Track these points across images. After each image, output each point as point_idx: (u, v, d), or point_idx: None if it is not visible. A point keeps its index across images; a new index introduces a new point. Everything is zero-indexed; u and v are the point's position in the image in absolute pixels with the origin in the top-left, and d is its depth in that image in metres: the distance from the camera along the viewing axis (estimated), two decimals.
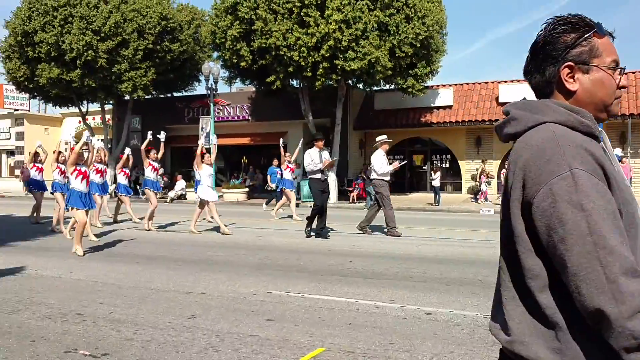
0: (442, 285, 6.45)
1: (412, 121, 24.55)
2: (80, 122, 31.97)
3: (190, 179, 27.06)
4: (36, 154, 14.02)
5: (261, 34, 19.13)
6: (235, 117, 27.03)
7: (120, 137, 27.85)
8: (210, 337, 4.55)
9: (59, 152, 13.25)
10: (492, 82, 24.77)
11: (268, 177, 19.13)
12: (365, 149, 26.33)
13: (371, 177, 11.61)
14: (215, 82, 23.54)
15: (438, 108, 24.61)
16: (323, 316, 5.16)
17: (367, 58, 18.33)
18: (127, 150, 14.55)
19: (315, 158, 10.97)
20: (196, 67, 26.47)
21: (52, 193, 12.90)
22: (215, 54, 22.58)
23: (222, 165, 28.53)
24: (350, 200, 21.35)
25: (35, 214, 13.91)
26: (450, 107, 24.47)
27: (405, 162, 20.23)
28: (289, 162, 15.46)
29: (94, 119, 31.47)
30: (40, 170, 13.95)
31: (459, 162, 24.88)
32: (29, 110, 36.59)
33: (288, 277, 7.02)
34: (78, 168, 9.08)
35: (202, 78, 25.48)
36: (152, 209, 12.48)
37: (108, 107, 29.15)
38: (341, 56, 18.60)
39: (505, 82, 24.36)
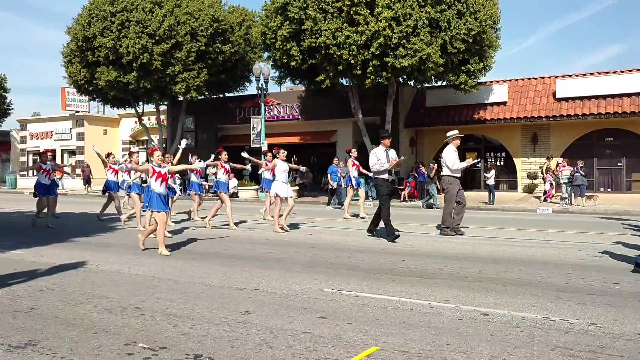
0: (498, 286, 6.28)
1: (465, 118, 24.09)
2: (136, 122, 33.03)
3: (241, 177, 27.47)
4: (108, 155, 14.10)
5: (311, 34, 19.19)
6: (286, 117, 27.25)
7: (174, 136, 28.55)
8: (264, 333, 4.57)
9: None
10: (549, 77, 24.04)
11: (329, 175, 18.80)
12: (416, 147, 26.04)
13: (442, 174, 11.06)
14: (266, 82, 23.82)
15: (492, 104, 24.07)
16: (376, 315, 5.11)
17: (417, 55, 18.09)
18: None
19: (382, 157, 10.26)
20: (247, 67, 26.85)
21: (128, 194, 13.15)
22: (266, 54, 22.83)
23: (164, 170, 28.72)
24: (402, 199, 21.15)
25: (120, 214, 13.85)
26: (504, 103, 23.90)
27: (479, 160, 19.73)
28: (354, 158, 14.92)
29: (149, 119, 32.44)
30: (116, 172, 14.13)
31: (514, 159, 24.24)
32: (88, 112, 38.10)
33: (340, 275, 7.00)
34: (157, 171, 9.09)
35: (252, 78, 25.85)
36: (227, 208, 12.41)
37: (163, 107, 29.95)
38: (391, 53, 18.43)
39: (563, 76, 23.59)
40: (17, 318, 5.07)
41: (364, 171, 14.59)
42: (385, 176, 10.20)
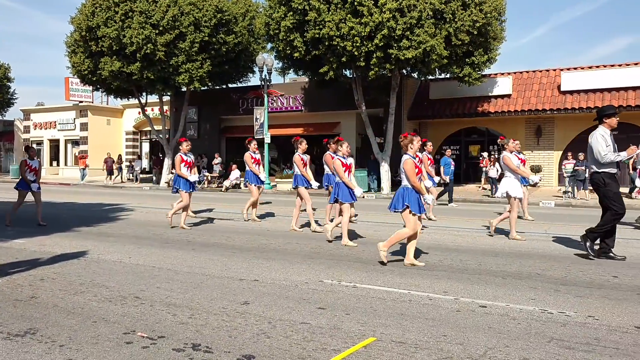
0: (497, 279, 6.29)
1: (469, 111, 24.01)
2: (139, 113, 33.06)
3: (244, 169, 27.53)
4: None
5: (314, 25, 19.11)
6: (289, 108, 27.22)
7: (177, 127, 28.57)
8: (262, 323, 4.60)
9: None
10: (554, 70, 23.91)
11: (442, 168, 16.66)
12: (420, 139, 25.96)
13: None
14: (269, 73, 23.78)
15: (496, 97, 23.98)
16: (375, 306, 5.12)
17: (421, 47, 18.00)
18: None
19: (611, 143, 7.54)
20: (250, 58, 26.77)
21: (246, 185, 12.78)
22: (269, 45, 22.73)
23: (275, 155, 28.82)
24: None
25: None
26: (508, 96, 23.80)
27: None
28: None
29: (152, 110, 32.45)
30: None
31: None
32: (92, 102, 38.12)
33: (340, 266, 7.02)
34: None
35: (256, 69, 25.75)
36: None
37: (166, 98, 29.94)
38: (395, 45, 18.35)
39: (568, 69, 23.47)
40: (17, 307, 5.10)
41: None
42: (614, 170, 7.57)
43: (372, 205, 16.41)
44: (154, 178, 29.19)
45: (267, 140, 23.67)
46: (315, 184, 10.78)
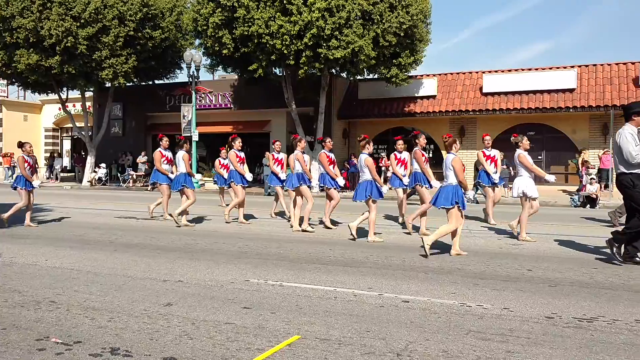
0: (420, 274, 6.47)
1: (396, 111, 24.56)
2: (60, 109, 31.57)
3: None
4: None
5: (243, 22, 18.94)
6: (218, 105, 26.84)
7: (101, 124, 27.52)
8: (185, 324, 4.50)
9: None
10: (477, 72, 24.83)
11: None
12: (349, 138, 26.30)
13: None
14: (197, 70, 23.36)
15: (422, 98, 24.64)
16: (300, 304, 5.13)
17: (350, 47, 18.25)
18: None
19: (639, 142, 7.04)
20: (178, 54, 26.19)
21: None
22: (197, 42, 22.33)
23: (204, 153, 28.33)
24: None
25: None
26: (433, 97, 24.51)
27: None
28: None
29: (74, 106, 31.08)
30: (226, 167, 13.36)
31: (442, 152, 24.95)
32: (7, 97, 35.98)
33: (267, 265, 6.99)
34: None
35: (184, 66, 25.23)
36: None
37: (88, 94, 28.76)
38: (324, 45, 18.49)
39: (490, 72, 24.43)
40: None
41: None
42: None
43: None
44: (77, 176, 27.98)
45: (195, 138, 23.23)
46: (342, 182, 10.60)
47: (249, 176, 11.58)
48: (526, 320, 4.62)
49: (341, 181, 10.50)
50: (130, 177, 26.01)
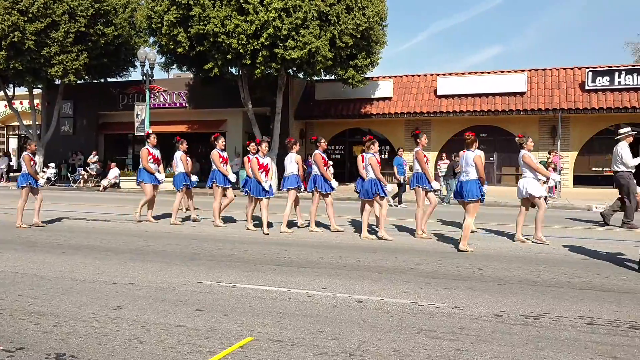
0: (374, 274, 6.52)
1: (353, 112, 24.71)
2: (6, 106, 30.38)
3: (124, 167, 26.27)
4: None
5: (199, 20, 18.70)
6: (173, 104, 26.41)
7: (50, 122, 26.64)
8: (135, 328, 4.40)
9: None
10: (431, 75, 25.24)
11: (395, 168, 16.81)
12: (307, 139, 26.31)
13: (616, 170, 11.14)
14: (151, 68, 22.92)
15: (378, 99, 24.88)
16: (254, 305, 5.10)
17: (307, 47, 18.25)
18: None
19: None
20: (131, 52, 25.62)
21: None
22: (152, 39, 21.91)
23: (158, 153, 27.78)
24: None
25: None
26: (389, 98, 24.79)
27: None
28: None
29: (21, 103, 29.99)
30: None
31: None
32: None
33: (220, 267, 6.91)
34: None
35: (137, 63, 24.69)
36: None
37: (37, 91, 27.80)
38: (281, 45, 18.45)
39: (444, 75, 24.87)
40: None
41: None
42: None
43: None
44: None
45: None
46: (335, 184, 10.43)
47: (232, 177, 11.12)
48: (476, 319, 4.72)
49: (334, 183, 10.36)
50: (80, 177, 25.30)
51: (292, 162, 10.45)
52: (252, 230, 10.31)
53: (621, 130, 11.55)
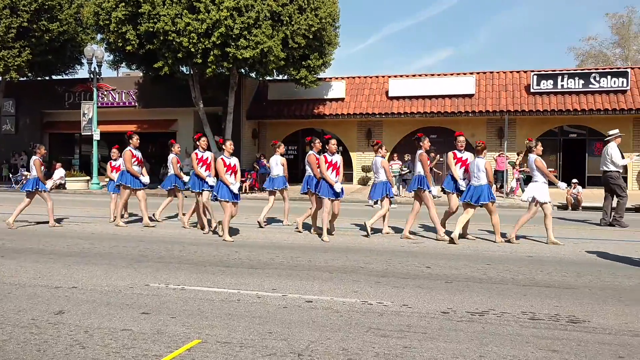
0: (325, 274, 6.54)
1: (306, 112, 24.74)
2: None
3: (70, 168, 25.46)
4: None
5: (149, 18, 18.34)
6: (121, 103, 25.78)
7: None
8: (78, 333, 4.27)
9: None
10: (383, 77, 25.53)
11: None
12: (259, 139, 26.17)
13: (605, 170, 11.56)
14: (99, 66, 22.32)
15: (331, 100, 24.99)
16: (202, 308, 5.02)
17: (259, 47, 18.16)
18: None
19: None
20: (78, 49, 24.82)
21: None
22: (99, 36, 21.34)
23: (106, 153, 27.07)
24: (243, 190, 21.12)
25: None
26: (342, 99, 24.93)
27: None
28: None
29: None
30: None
31: (350, 153, 25.44)
32: None
33: (169, 269, 6.78)
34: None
35: (84, 61, 23.96)
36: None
37: None
38: (233, 44, 18.29)
39: (395, 76, 25.21)
40: None
41: None
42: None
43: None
44: None
45: (96, 137, 22.17)
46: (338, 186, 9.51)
47: (211, 180, 10.04)
48: (423, 316, 4.79)
49: (338, 187, 9.41)
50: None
51: (278, 165, 11.24)
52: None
53: (610, 132, 11.99)
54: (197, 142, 10.09)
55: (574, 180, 16.42)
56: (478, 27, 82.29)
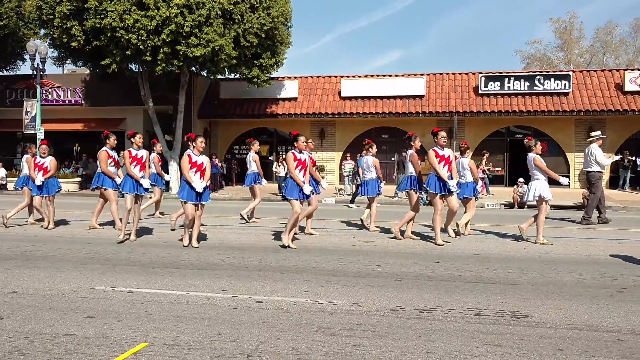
0: (276, 274, 6.52)
1: (258, 112, 24.60)
2: None
3: (12, 168, 24.54)
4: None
5: (95, 13, 17.80)
6: (67, 101, 24.96)
7: None
8: (17, 339, 4.11)
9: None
10: (336, 77, 25.65)
11: (360, 169, 15.98)
12: (210, 138, 25.85)
13: (589, 170, 12.04)
14: (43, 62, 21.53)
15: (284, 99, 24.93)
16: (150, 310, 4.92)
17: (210, 45, 17.93)
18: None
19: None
20: (20, 44, 23.88)
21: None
22: (43, 32, 20.57)
23: (52, 152, 26.16)
24: None
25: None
26: (295, 99, 24.91)
27: (621, 156, 19.49)
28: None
29: None
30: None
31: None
32: None
33: (115, 271, 6.61)
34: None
35: (27, 57, 23.06)
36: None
37: None
38: (183, 42, 17.99)
39: (348, 77, 25.37)
40: None
41: None
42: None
43: (163, 205, 15.82)
44: None
45: (40, 136, 21.38)
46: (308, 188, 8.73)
47: (145, 183, 9.43)
48: (373, 314, 4.84)
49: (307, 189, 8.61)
50: None
51: (251, 161, 11.84)
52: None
53: (593, 134, 12.51)
54: (132, 139, 9.42)
55: (520, 180, 16.95)
56: (428, 29, 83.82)
